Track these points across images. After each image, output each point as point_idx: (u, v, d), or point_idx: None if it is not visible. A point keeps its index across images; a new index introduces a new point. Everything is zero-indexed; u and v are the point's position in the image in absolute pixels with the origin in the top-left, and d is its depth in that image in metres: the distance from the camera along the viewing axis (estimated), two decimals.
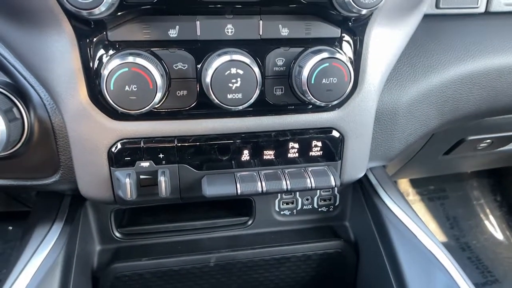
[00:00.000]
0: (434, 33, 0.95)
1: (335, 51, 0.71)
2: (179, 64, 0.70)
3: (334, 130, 0.82)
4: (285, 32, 0.71)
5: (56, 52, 0.68)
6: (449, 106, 0.95)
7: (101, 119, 0.72)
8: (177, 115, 0.74)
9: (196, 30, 0.68)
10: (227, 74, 0.66)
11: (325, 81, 0.70)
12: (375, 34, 0.76)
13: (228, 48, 0.70)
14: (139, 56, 0.65)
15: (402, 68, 0.90)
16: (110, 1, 0.59)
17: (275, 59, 0.73)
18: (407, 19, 0.82)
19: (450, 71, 0.92)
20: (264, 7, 0.68)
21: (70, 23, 0.65)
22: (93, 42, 0.67)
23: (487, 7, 1.01)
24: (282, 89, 0.75)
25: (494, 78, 0.96)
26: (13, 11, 0.68)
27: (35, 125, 0.77)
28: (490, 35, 0.97)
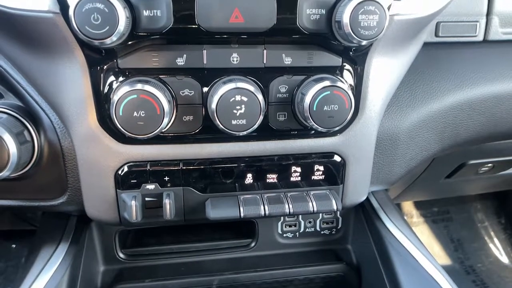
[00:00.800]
0: (433, 60, 0.98)
1: (337, 80, 0.74)
2: (185, 90, 0.73)
3: (336, 155, 0.84)
4: (288, 60, 0.74)
5: (68, 78, 0.71)
6: (449, 132, 0.97)
7: (109, 142, 0.75)
8: (183, 139, 0.76)
9: (203, 58, 0.71)
10: (232, 101, 0.69)
11: (326, 108, 0.72)
12: (375, 63, 0.79)
13: (233, 76, 0.73)
14: (148, 83, 0.67)
15: (402, 94, 0.93)
16: (121, 32, 0.62)
17: (279, 86, 0.75)
18: (407, 48, 0.85)
19: (449, 98, 0.94)
20: (268, 37, 0.71)
21: (82, 52, 0.68)
22: (104, 69, 0.70)
23: (485, 36, 1.04)
24: (285, 115, 0.77)
25: (493, 105, 0.98)
26: (28, 39, 0.71)
27: (45, 147, 0.79)
28: (488, 63, 1.00)
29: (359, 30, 0.67)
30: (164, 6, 0.65)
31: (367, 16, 0.66)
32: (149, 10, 0.65)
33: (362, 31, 0.67)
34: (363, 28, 0.67)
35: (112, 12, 0.60)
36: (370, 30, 0.67)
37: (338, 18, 0.68)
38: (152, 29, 0.66)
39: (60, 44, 0.68)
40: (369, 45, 0.75)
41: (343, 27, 0.67)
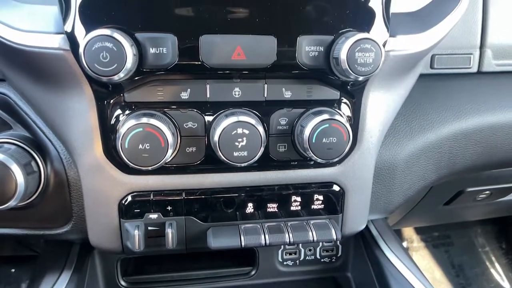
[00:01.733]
0: (429, 92, 1.01)
1: (335, 113, 0.76)
2: (189, 123, 0.75)
3: (335, 185, 0.86)
4: (288, 94, 0.77)
5: (75, 111, 0.74)
6: (445, 161, 0.99)
7: (114, 173, 0.77)
8: (186, 170, 0.79)
9: (206, 92, 0.74)
10: (233, 134, 0.71)
11: (325, 141, 0.74)
12: (372, 96, 0.82)
13: (235, 109, 0.75)
14: (153, 117, 0.70)
15: (399, 125, 0.95)
16: (129, 68, 0.65)
17: (279, 118, 0.78)
18: (403, 81, 0.88)
19: (445, 129, 0.97)
20: (269, 72, 0.74)
21: (90, 86, 0.71)
22: (111, 103, 0.72)
23: (479, 67, 1.07)
24: (285, 146, 0.80)
25: (488, 135, 1.01)
26: (38, 73, 0.74)
27: (51, 177, 0.81)
28: (483, 94, 1.03)
29: (356, 66, 0.70)
30: (170, 44, 0.68)
31: (363, 54, 0.69)
32: (155, 48, 0.68)
33: (359, 68, 0.70)
34: (360, 65, 0.70)
35: (120, 50, 0.63)
36: (366, 67, 0.70)
37: (336, 55, 0.71)
38: (158, 65, 0.69)
39: (69, 79, 0.71)
40: (366, 80, 0.78)
41: (340, 64, 0.70)
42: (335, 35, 0.72)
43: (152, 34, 0.68)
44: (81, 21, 0.66)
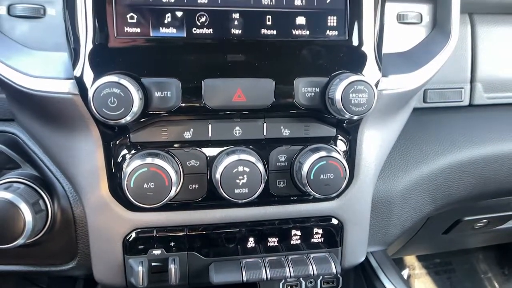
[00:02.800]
0: (423, 125, 1.04)
1: (332, 149, 0.80)
2: (192, 161, 0.78)
3: (334, 218, 0.88)
4: (286, 132, 0.80)
5: (82, 151, 0.77)
6: (441, 193, 1.02)
7: (119, 210, 0.79)
8: (188, 206, 0.81)
9: (208, 132, 0.77)
10: (235, 172, 0.74)
11: (323, 177, 0.77)
12: (367, 132, 0.85)
13: (236, 147, 0.79)
14: (157, 157, 0.73)
15: (394, 159, 0.98)
16: (135, 112, 0.68)
17: (278, 155, 0.81)
18: (397, 116, 0.92)
19: (439, 161, 1.00)
20: (268, 112, 0.78)
21: (97, 128, 0.75)
22: (117, 144, 0.76)
23: (471, 101, 1.12)
24: (285, 181, 0.82)
25: (482, 166, 1.04)
26: (47, 115, 0.78)
27: (58, 215, 0.84)
28: (475, 127, 1.07)
29: (350, 106, 0.73)
30: (174, 88, 0.72)
31: (357, 94, 0.73)
32: (160, 92, 0.72)
33: (353, 108, 0.73)
34: (354, 105, 0.73)
35: (127, 95, 0.67)
36: (360, 107, 0.74)
37: (331, 96, 0.75)
38: (162, 108, 0.72)
39: (77, 121, 0.75)
40: (361, 118, 0.82)
41: (335, 104, 0.74)
42: (330, 77, 0.76)
43: (157, 79, 0.72)
44: (90, 67, 0.70)
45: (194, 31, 0.73)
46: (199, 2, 0.72)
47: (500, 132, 1.08)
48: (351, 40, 0.78)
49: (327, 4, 0.76)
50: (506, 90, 1.13)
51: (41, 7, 0.76)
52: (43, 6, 0.76)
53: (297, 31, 0.76)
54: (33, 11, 0.76)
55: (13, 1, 0.76)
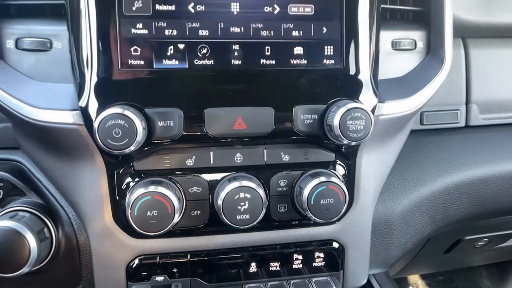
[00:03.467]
0: (420, 147, 1.06)
1: (331, 174, 0.81)
2: (194, 188, 0.80)
3: (334, 242, 0.89)
4: (286, 158, 0.82)
5: (87, 179, 0.79)
6: (440, 214, 1.03)
7: (122, 237, 0.80)
8: (191, 232, 0.82)
9: (210, 159, 0.79)
10: (236, 198, 0.75)
11: (323, 202, 0.78)
12: (366, 156, 0.87)
13: (237, 173, 0.80)
14: (160, 185, 0.74)
15: (393, 181, 1.00)
16: (139, 141, 0.70)
17: (278, 181, 0.83)
18: (394, 139, 0.93)
19: (437, 183, 1.01)
20: (268, 139, 0.80)
21: (102, 157, 0.76)
22: (121, 172, 0.77)
23: (467, 122, 1.14)
24: (285, 206, 0.84)
25: (480, 187, 1.05)
26: (53, 144, 0.80)
27: (62, 242, 0.85)
28: (472, 148, 1.09)
29: (348, 133, 0.75)
30: (176, 117, 0.74)
31: (354, 121, 0.75)
32: (163, 121, 0.74)
33: (351, 134, 0.75)
34: (352, 132, 0.75)
35: (131, 126, 0.69)
36: (358, 133, 0.76)
37: (329, 122, 0.77)
38: (165, 137, 0.74)
39: (82, 150, 0.77)
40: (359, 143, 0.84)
41: (333, 130, 0.76)
42: (328, 104, 0.79)
43: (160, 109, 0.74)
44: (95, 99, 0.72)
45: (196, 62, 0.75)
46: (200, 35, 0.75)
47: (496, 153, 1.09)
48: (348, 68, 0.80)
49: (324, 34, 0.79)
50: (500, 111, 1.15)
51: (47, 41, 0.79)
52: (49, 40, 0.79)
53: (295, 60, 0.79)
54: (40, 45, 0.79)
55: (21, 35, 0.79)
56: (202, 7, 0.75)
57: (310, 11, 0.78)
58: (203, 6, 0.75)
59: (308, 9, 0.78)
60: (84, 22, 0.73)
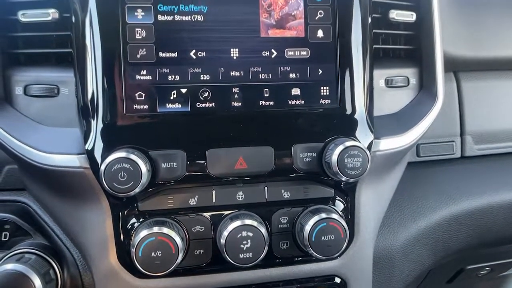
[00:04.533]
0: (417, 179, 1.08)
1: (331, 211, 0.83)
2: (197, 227, 0.81)
3: (337, 277, 0.89)
4: (287, 195, 0.84)
5: (92, 221, 0.80)
6: (440, 246, 1.04)
7: (126, 277, 0.81)
8: (194, 271, 0.83)
9: (212, 198, 0.81)
10: (239, 237, 0.77)
11: (324, 239, 0.80)
12: (364, 191, 0.89)
13: (239, 211, 0.82)
14: (164, 225, 0.76)
15: (392, 214, 1.02)
16: (143, 183, 0.72)
17: (280, 218, 0.84)
18: (392, 173, 0.96)
19: (436, 215, 1.03)
20: (269, 177, 0.82)
21: (107, 199, 0.78)
22: (125, 213, 0.79)
23: (462, 153, 1.16)
24: (287, 243, 0.85)
25: (478, 218, 1.06)
26: (59, 187, 0.82)
27: (67, 283, 0.86)
28: (468, 179, 1.11)
29: (346, 170, 0.78)
30: (180, 159, 0.76)
31: (352, 159, 0.78)
32: (167, 163, 0.76)
33: (349, 171, 0.78)
34: (350, 169, 0.78)
35: (136, 169, 0.71)
36: (355, 170, 0.78)
37: (328, 160, 0.79)
38: (169, 178, 0.77)
39: (87, 193, 0.79)
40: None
41: (332, 167, 0.78)
42: (325, 142, 0.82)
43: (163, 151, 0.76)
44: (100, 143, 0.75)
45: (198, 106, 0.78)
46: (202, 79, 0.79)
47: (493, 183, 1.11)
48: (344, 107, 0.83)
49: (319, 76, 0.83)
50: (494, 141, 1.18)
51: (55, 87, 0.82)
52: (57, 86, 0.82)
53: (293, 101, 0.82)
54: (48, 91, 0.82)
55: (30, 82, 0.82)
56: (203, 53, 0.79)
57: (306, 54, 0.82)
58: (204, 52, 0.79)
59: (304, 53, 0.82)
60: (90, 69, 0.76)
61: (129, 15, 0.76)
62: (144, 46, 0.77)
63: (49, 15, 0.80)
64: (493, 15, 1.17)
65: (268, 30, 0.81)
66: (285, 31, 0.82)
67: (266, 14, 0.81)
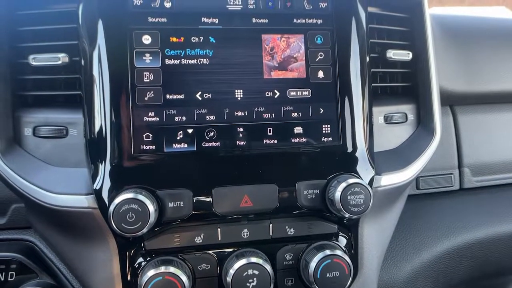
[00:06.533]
0: (418, 212, 1.10)
1: (335, 247, 0.84)
2: (203, 265, 0.82)
3: None
4: (291, 231, 0.85)
5: (99, 259, 0.81)
6: (442, 278, 1.05)
7: None
8: None
9: (217, 236, 0.82)
10: (245, 275, 0.78)
11: (329, 275, 0.80)
12: (367, 226, 0.90)
13: (245, 248, 0.83)
14: (171, 264, 0.77)
15: (394, 248, 1.03)
16: (151, 223, 0.73)
17: (284, 254, 0.85)
18: (393, 206, 0.97)
19: (438, 248, 1.04)
20: (273, 214, 0.83)
21: (114, 239, 0.79)
22: (132, 252, 0.80)
23: (461, 185, 1.19)
24: (292, 280, 0.86)
25: (478, 249, 1.08)
26: (66, 226, 0.83)
27: None
28: (467, 211, 1.13)
29: (349, 207, 0.79)
30: (186, 198, 0.78)
31: (354, 196, 0.79)
32: (174, 202, 0.78)
33: (352, 208, 0.79)
34: (353, 206, 0.79)
35: (144, 210, 0.73)
36: (358, 207, 0.80)
37: (331, 197, 0.81)
38: (175, 217, 0.78)
39: (94, 232, 0.80)
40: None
41: (335, 204, 0.80)
42: (328, 179, 0.83)
43: (170, 190, 0.78)
44: (109, 183, 0.77)
45: (204, 145, 0.81)
46: (207, 120, 0.81)
47: (492, 215, 1.13)
48: (345, 144, 0.86)
49: (321, 114, 0.85)
50: (491, 173, 1.21)
51: (63, 128, 0.84)
52: (65, 127, 0.84)
53: (296, 139, 0.84)
54: (57, 132, 0.84)
55: (38, 123, 0.84)
56: (209, 95, 0.81)
57: (307, 94, 0.85)
58: (209, 94, 0.81)
59: (305, 93, 0.85)
60: (99, 110, 0.79)
61: (138, 59, 0.79)
62: (152, 89, 0.79)
63: (59, 59, 0.83)
64: (485, 50, 1.22)
65: (271, 72, 0.84)
66: (287, 73, 0.85)
67: (269, 56, 0.84)
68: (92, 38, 0.79)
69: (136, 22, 0.80)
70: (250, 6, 0.84)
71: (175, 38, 0.81)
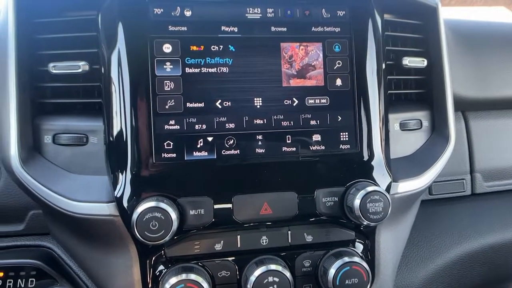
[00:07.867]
0: (431, 218, 1.11)
1: (353, 254, 0.84)
2: (223, 272, 0.82)
3: None
4: (310, 238, 0.86)
5: (119, 266, 0.82)
6: (455, 284, 1.06)
7: None
8: None
9: (237, 243, 0.83)
10: (265, 282, 0.78)
11: (348, 282, 0.81)
12: (384, 233, 0.91)
13: (264, 255, 0.83)
14: (191, 271, 0.77)
15: (409, 254, 1.03)
16: (174, 231, 0.74)
17: (303, 261, 0.86)
18: (408, 213, 0.98)
19: (451, 253, 1.05)
20: (292, 222, 0.84)
21: (135, 246, 0.80)
22: (153, 259, 0.80)
23: (473, 190, 1.19)
24: (311, 286, 0.86)
25: (491, 255, 1.09)
26: (87, 233, 0.83)
27: None
28: (480, 217, 1.13)
29: (369, 215, 0.80)
30: (207, 206, 0.79)
31: (374, 204, 0.80)
32: (195, 210, 0.78)
33: (371, 216, 0.80)
34: (372, 214, 0.80)
35: (167, 218, 0.73)
36: (377, 215, 0.80)
37: (349, 204, 0.82)
38: (196, 225, 0.79)
39: (115, 240, 0.80)
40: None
41: (354, 211, 0.80)
42: (346, 186, 0.84)
43: (191, 198, 0.79)
44: (130, 191, 0.77)
45: (224, 153, 0.81)
46: (227, 127, 0.82)
47: (503, 220, 1.14)
48: (363, 151, 0.86)
49: (339, 122, 0.86)
50: (503, 178, 1.22)
51: (84, 136, 0.84)
52: (85, 135, 0.84)
53: (314, 147, 0.85)
54: (77, 140, 0.84)
55: (58, 131, 0.84)
56: (229, 103, 0.82)
57: (325, 102, 0.86)
58: (229, 102, 0.82)
59: (323, 101, 0.86)
60: (120, 118, 0.79)
61: (158, 68, 0.80)
62: (172, 97, 0.80)
63: (80, 68, 0.84)
64: (497, 55, 1.23)
65: (289, 80, 0.85)
66: (305, 81, 0.85)
67: (288, 65, 0.85)
68: (112, 46, 0.80)
69: (156, 31, 0.80)
70: (269, 15, 0.85)
71: (195, 46, 0.82)
